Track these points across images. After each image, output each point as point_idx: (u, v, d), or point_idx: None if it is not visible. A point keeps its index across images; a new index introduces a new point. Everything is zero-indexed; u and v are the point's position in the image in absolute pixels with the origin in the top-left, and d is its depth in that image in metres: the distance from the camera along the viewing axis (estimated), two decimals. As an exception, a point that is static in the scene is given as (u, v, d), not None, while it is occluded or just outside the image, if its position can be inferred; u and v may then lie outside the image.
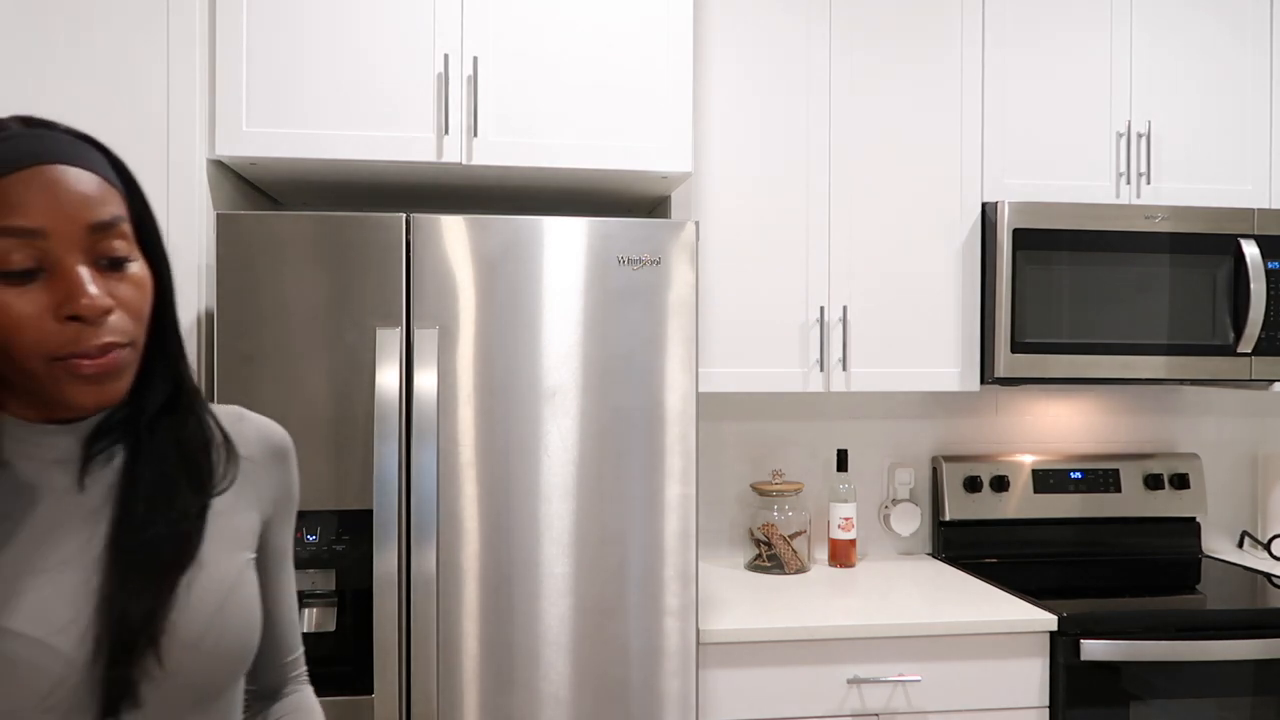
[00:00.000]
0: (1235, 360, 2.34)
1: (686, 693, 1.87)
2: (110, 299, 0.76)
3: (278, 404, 1.78)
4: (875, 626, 1.98)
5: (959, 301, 2.35)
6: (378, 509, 1.77)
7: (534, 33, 1.96)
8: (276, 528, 0.98)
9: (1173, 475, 2.65)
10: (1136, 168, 2.40)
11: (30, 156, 0.74)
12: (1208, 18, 2.43)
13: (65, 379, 0.75)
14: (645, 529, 1.86)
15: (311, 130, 1.91)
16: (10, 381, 0.78)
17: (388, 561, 1.76)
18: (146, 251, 0.82)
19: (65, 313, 0.74)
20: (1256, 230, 2.34)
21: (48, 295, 0.74)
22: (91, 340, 0.75)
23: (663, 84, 1.99)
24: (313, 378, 1.79)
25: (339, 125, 1.91)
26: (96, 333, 0.75)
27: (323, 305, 1.79)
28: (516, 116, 1.96)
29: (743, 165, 2.27)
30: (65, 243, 0.74)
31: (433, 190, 2.24)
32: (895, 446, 2.66)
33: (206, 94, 1.89)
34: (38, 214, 0.73)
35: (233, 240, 1.78)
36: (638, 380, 1.85)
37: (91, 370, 0.75)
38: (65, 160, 0.76)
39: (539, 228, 1.83)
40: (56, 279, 0.74)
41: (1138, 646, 2.02)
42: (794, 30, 2.29)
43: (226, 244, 1.77)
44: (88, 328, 0.75)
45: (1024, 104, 2.37)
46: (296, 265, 1.78)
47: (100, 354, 0.75)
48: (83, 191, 0.75)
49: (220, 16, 1.88)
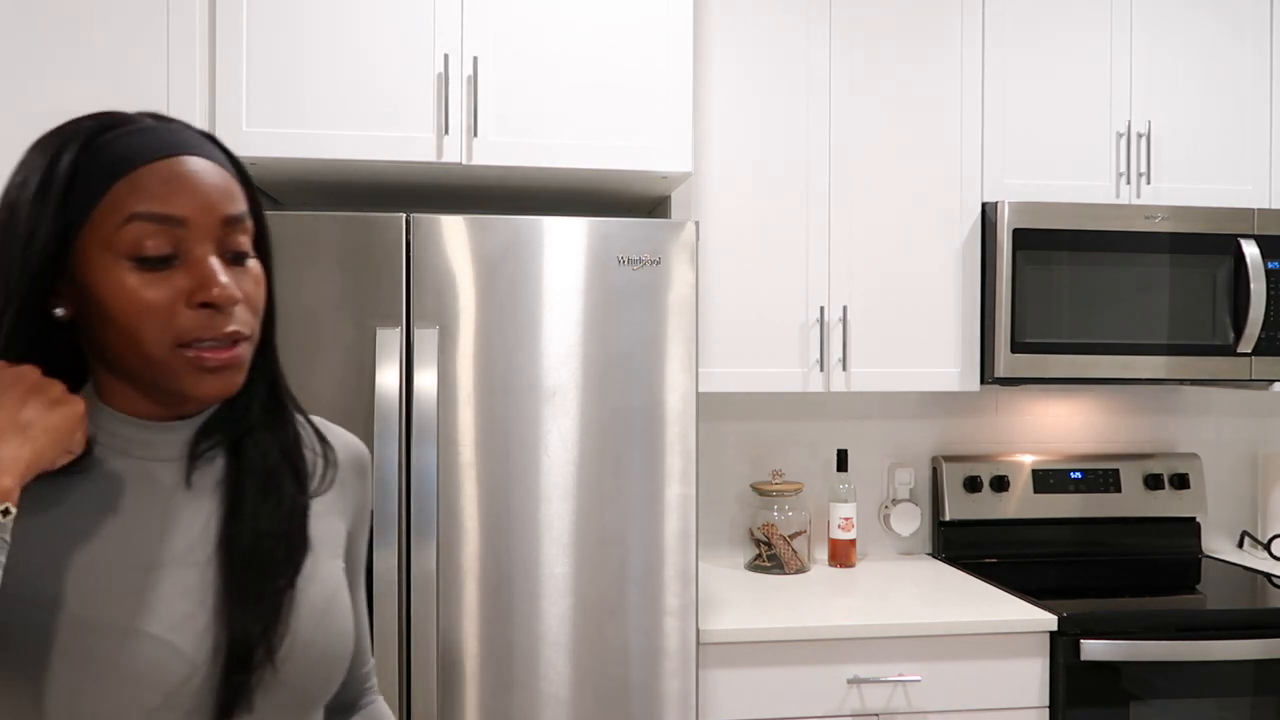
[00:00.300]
0: (1235, 360, 2.34)
1: (686, 693, 1.87)
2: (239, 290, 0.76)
3: (278, 404, 1.78)
4: (875, 626, 1.98)
5: (959, 301, 2.35)
6: (378, 509, 1.77)
7: (534, 33, 1.96)
8: (356, 538, 0.97)
9: (1173, 475, 2.65)
10: (1136, 168, 2.40)
11: (169, 147, 0.75)
12: (1208, 18, 2.43)
13: (187, 370, 0.75)
14: (645, 529, 1.86)
15: (311, 130, 1.91)
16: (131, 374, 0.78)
17: (388, 561, 1.76)
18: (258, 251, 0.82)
19: (198, 300, 0.74)
20: (1256, 230, 2.34)
21: (180, 282, 0.74)
22: (221, 327, 0.75)
23: (663, 84, 1.99)
24: (313, 377, 1.79)
25: (339, 125, 1.91)
26: (225, 320, 0.75)
27: (323, 305, 1.79)
28: (516, 116, 1.96)
29: (743, 165, 2.27)
30: (201, 232, 0.75)
31: (433, 190, 2.24)
32: (895, 446, 2.66)
33: (206, 94, 1.89)
34: (179, 203, 0.74)
35: (233, 240, 1.77)
36: (638, 380, 1.85)
37: (216, 363, 0.75)
38: (200, 154, 0.77)
39: (539, 228, 1.83)
40: (189, 267, 0.75)
41: (1138, 646, 2.02)
42: (794, 30, 2.29)
43: (226, 244, 1.77)
44: (218, 315, 0.75)
45: (1024, 104, 2.37)
46: (296, 265, 1.78)
47: (227, 343, 0.76)
48: (218, 184, 0.77)
49: (220, 16, 1.88)
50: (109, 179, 0.73)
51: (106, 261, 0.73)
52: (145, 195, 0.73)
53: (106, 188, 0.73)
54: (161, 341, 0.74)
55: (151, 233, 0.73)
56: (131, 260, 0.73)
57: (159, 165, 0.74)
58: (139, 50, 1.87)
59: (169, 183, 0.74)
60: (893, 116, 2.33)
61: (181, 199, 0.74)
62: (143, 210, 0.73)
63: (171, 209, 0.73)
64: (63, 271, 0.74)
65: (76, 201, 0.73)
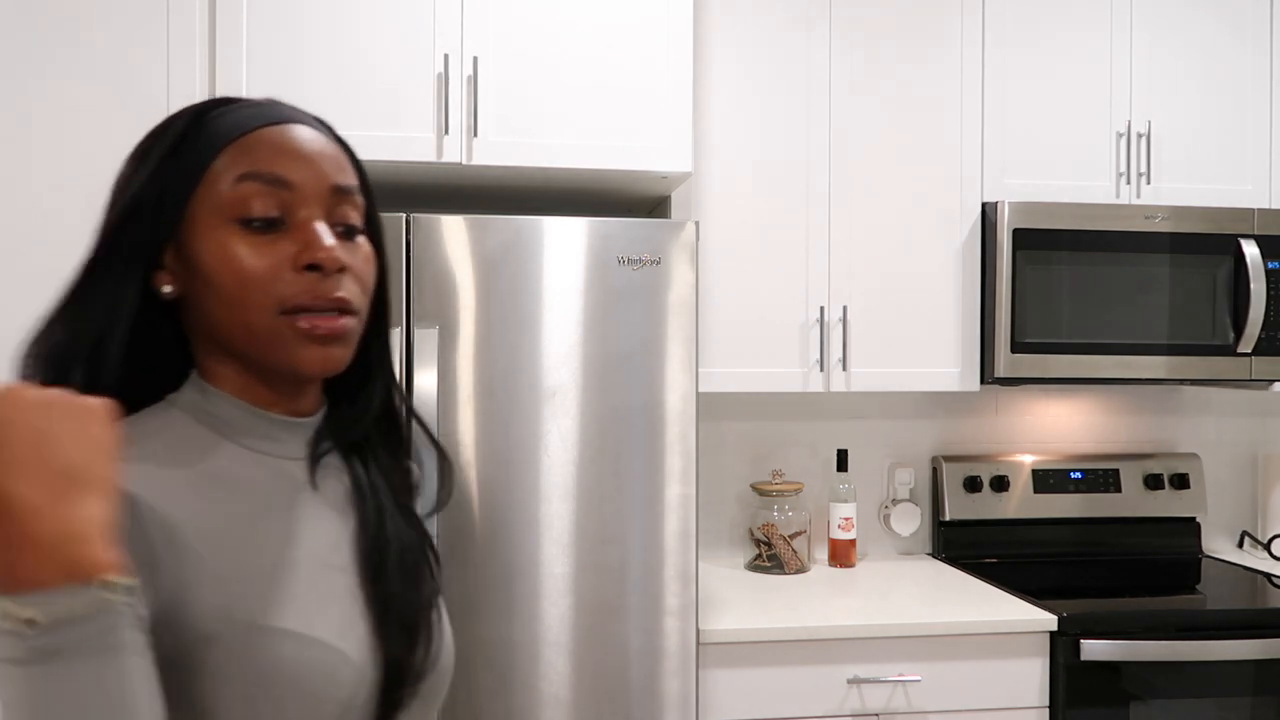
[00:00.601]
0: (1235, 360, 2.34)
1: (686, 693, 1.87)
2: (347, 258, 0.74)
3: (278, 404, 1.78)
4: (875, 626, 1.98)
5: (959, 301, 2.35)
6: (378, 509, 1.77)
7: (534, 33, 1.96)
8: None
9: (1173, 475, 2.65)
10: (1136, 168, 2.40)
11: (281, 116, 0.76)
12: (1208, 18, 2.43)
13: (293, 338, 0.73)
14: (645, 529, 1.86)
15: (311, 130, 1.91)
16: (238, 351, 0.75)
17: (388, 561, 1.76)
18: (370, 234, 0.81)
19: (303, 261, 0.72)
20: (1256, 230, 2.34)
21: (285, 247, 0.73)
22: (328, 292, 0.72)
23: (663, 84, 1.98)
24: (313, 378, 1.78)
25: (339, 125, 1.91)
26: (332, 285, 0.73)
27: (323, 305, 1.78)
28: (516, 116, 1.96)
29: (743, 165, 2.27)
30: (309, 197, 0.74)
31: (433, 190, 2.24)
32: (895, 446, 2.66)
33: (206, 94, 1.89)
34: (288, 166, 0.73)
35: (233, 240, 1.78)
36: (638, 380, 1.85)
37: (321, 330, 0.72)
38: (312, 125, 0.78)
39: (539, 227, 1.83)
40: (295, 231, 0.73)
41: (1138, 646, 2.02)
42: (794, 30, 2.29)
43: (226, 244, 1.77)
44: (325, 280, 0.73)
45: (1024, 104, 2.37)
46: (296, 265, 1.78)
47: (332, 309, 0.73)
48: (328, 153, 0.76)
49: (220, 16, 1.88)
50: (222, 140, 0.73)
51: (214, 224, 0.72)
52: (255, 156, 0.73)
53: (218, 150, 0.73)
54: (266, 308, 0.72)
55: (259, 192, 0.72)
56: (238, 223, 0.72)
57: (270, 130, 0.74)
58: (139, 50, 1.87)
59: (279, 146, 0.74)
60: (893, 116, 2.33)
61: (291, 162, 0.73)
62: (251, 170, 0.72)
63: (280, 170, 0.73)
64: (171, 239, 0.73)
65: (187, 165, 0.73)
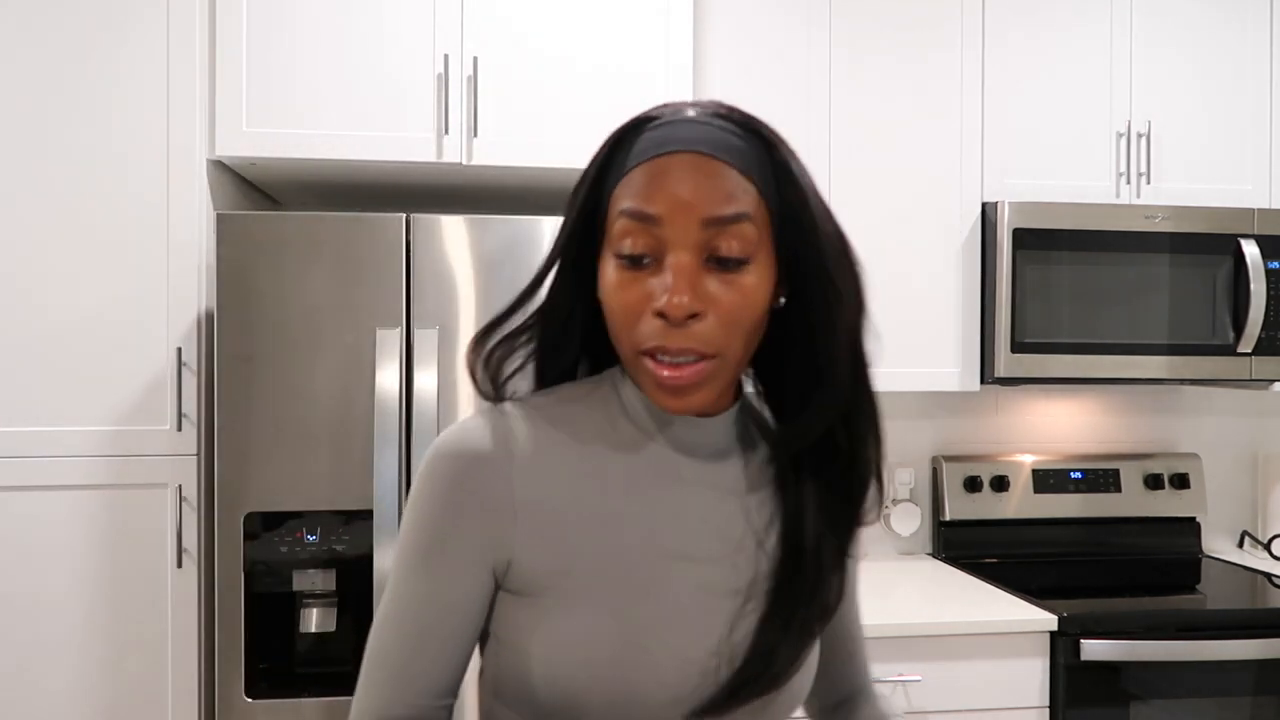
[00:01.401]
0: (1235, 360, 2.34)
1: (686, 693, 1.87)
2: (700, 303, 0.72)
3: (277, 404, 1.78)
4: (875, 626, 1.98)
5: (959, 301, 2.35)
6: (378, 509, 1.77)
7: (534, 33, 1.96)
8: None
9: (1173, 475, 2.64)
10: (1136, 167, 2.40)
11: (670, 143, 0.74)
12: (1208, 17, 2.43)
13: (649, 379, 0.74)
14: (645, 529, 1.85)
15: (311, 130, 1.91)
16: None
17: (388, 561, 1.76)
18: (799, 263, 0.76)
19: (654, 308, 0.72)
20: (1256, 230, 2.34)
21: (651, 286, 0.73)
22: (672, 342, 0.72)
23: (663, 83, 1.98)
24: (313, 378, 1.78)
25: (339, 125, 1.91)
26: (677, 336, 0.72)
27: (323, 305, 1.79)
28: (516, 116, 1.96)
29: (743, 165, 2.27)
30: (676, 233, 0.72)
31: (433, 190, 2.24)
32: (895, 446, 2.64)
33: (206, 94, 1.89)
34: (658, 201, 0.72)
35: (233, 240, 1.78)
36: (638, 380, 1.85)
37: (667, 380, 0.73)
38: (700, 150, 0.73)
39: (539, 228, 1.83)
40: (660, 270, 0.73)
41: (1138, 646, 2.02)
42: (794, 29, 2.29)
43: (226, 244, 1.77)
44: (672, 329, 0.72)
45: (1024, 104, 2.37)
46: (296, 265, 1.78)
47: (677, 359, 0.72)
48: (706, 183, 0.72)
49: (220, 16, 1.88)
50: (620, 173, 0.75)
51: (607, 254, 0.75)
52: (632, 192, 0.73)
53: (616, 181, 0.75)
54: (630, 343, 0.74)
55: (633, 230, 0.73)
56: (618, 257, 0.74)
57: (652, 163, 0.74)
58: (139, 50, 1.87)
59: (652, 180, 0.73)
60: (893, 116, 2.33)
61: (660, 197, 0.72)
62: (627, 207, 0.73)
63: (649, 206, 0.72)
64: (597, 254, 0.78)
65: (597, 195, 0.77)
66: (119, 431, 1.86)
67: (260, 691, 1.81)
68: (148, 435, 1.86)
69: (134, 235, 1.86)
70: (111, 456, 1.86)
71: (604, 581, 0.75)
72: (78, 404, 1.85)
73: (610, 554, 0.76)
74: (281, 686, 1.83)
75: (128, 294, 1.86)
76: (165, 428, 1.87)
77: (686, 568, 0.77)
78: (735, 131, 0.75)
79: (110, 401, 1.86)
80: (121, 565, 1.86)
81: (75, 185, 1.85)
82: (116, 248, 1.86)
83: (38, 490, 1.84)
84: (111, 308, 1.86)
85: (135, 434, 1.86)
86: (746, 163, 0.74)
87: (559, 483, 0.77)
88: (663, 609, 0.75)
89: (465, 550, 0.76)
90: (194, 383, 1.87)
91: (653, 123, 0.76)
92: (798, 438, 0.80)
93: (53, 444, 1.85)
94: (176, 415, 1.86)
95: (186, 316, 1.87)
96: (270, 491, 1.79)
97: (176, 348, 1.86)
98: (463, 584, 0.76)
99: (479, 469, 0.76)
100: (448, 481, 0.76)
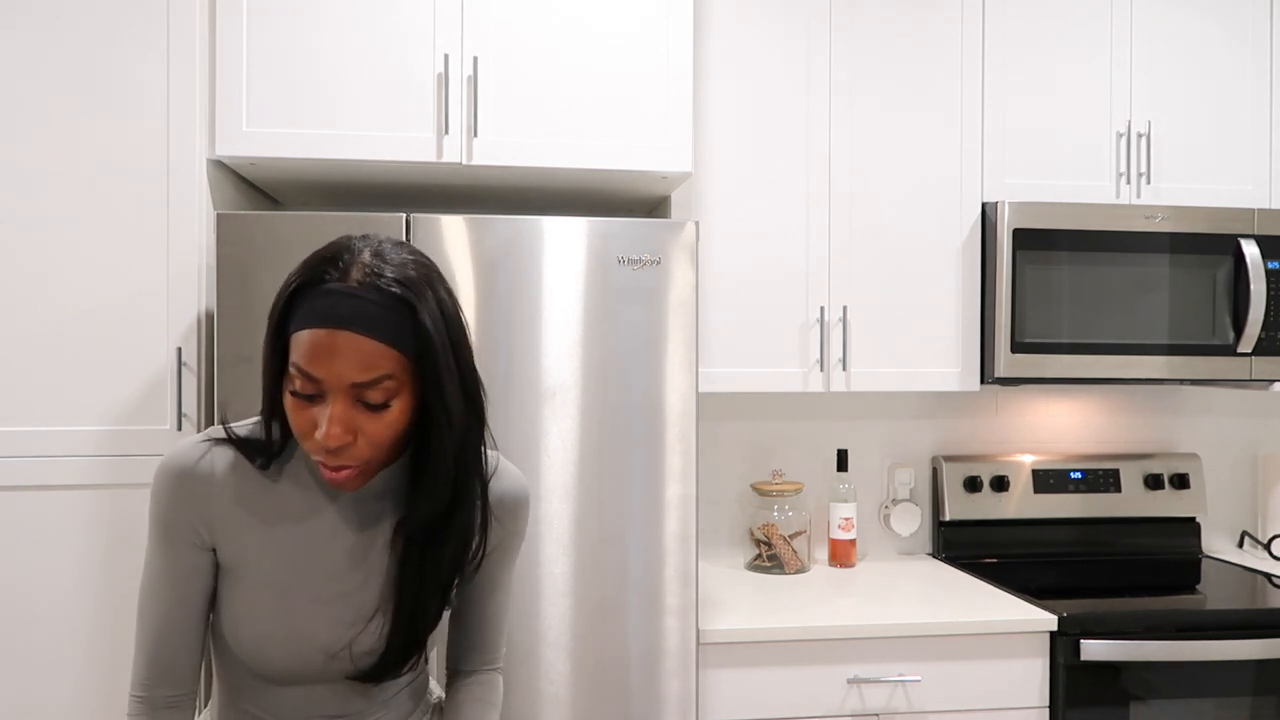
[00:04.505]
0: (1235, 360, 2.34)
1: (686, 693, 1.87)
2: (350, 435, 0.99)
3: (278, 404, 1.78)
4: (875, 626, 1.98)
5: (959, 302, 2.35)
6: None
7: (534, 33, 1.96)
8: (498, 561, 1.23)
9: (1173, 475, 2.65)
10: (1136, 168, 2.40)
11: (327, 320, 0.97)
12: (1207, 18, 2.43)
13: (321, 469, 1.03)
14: (645, 529, 1.86)
15: (311, 130, 1.91)
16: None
17: (388, 561, 1.76)
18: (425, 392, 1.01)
19: (317, 436, 0.99)
20: (1256, 230, 2.34)
21: (315, 413, 1.00)
22: (330, 460, 1.01)
23: (663, 84, 1.99)
24: (313, 378, 1.78)
25: (339, 125, 1.91)
26: (333, 456, 1.00)
27: (323, 305, 1.78)
28: (516, 116, 1.96)
29: (743, 165, 2.27)
30: (332, 388, 0.98)
31: (433, 190, 2.24)
32: (895, 446, 2.66)
33: (206, 94, 1.89)
34: (317, 367, 0.97)
35: (233, 240, 1.78)
36: (638, 380, 1.85)
37: (328, 478, 1.02)
38: (352, 327, 0.96)
39: (539, 227, 1.83)
40: (324, 407, 0.99)
41: (1138, 646, 2.02)
42: (794, 29, 2.29)
43: (226, 244, 1.77)
44: (329, 452, 1.00)
45: (1024, 104, 2.37)
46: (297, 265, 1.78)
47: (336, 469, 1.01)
48: (354, 357, 0.96)
49: (220, 16, 1.88)
50: (289, 332, 1.00)
51: (287, 381, 1.01)
52: (300, 354, 0.98)
53: (289, 336, 1.00)
54: (306, 447, 1.02)
55: (301, 377, 0.98)
56: (291, 393, 1.00)
57: (314, 333, 0.97)
58: (139, 50, 1.87)
59: (314, 349, 0.97)
60: (892, 116, 2.33)
61: (319, 365, 0.97)
62: (296, 363, 0.98)
63: (312, 370, 0.97)
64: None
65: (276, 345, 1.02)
66: (119, 431, 1.86)
67: (260, 691, 1.80)
68: (148, 435, 1.87)
69: (134, 235, 1.86)
70: (111, 456, 1.86)
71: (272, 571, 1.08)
72: (78, 404, 1.85)
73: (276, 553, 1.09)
74: (281, 686, 1.83)
75: (127, 294, 1.86)
76: (165, 427, 1.87)
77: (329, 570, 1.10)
78: (386, 304, 0.97)
79: (110, 401, 1.86)
80: (121, 565, 1.86)
81: (75, 185, 1.85)
82: (116, 248, 1.86)
83: (38, 490, 1.85)
84: (111, 308, 1.86)
85: (135, 434, 1.86)
86: (388, 334, 0.97)
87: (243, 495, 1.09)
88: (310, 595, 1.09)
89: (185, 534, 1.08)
90: (194, 383, 1.87)
91: (324, 285, 0.98)
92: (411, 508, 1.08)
93: (53, 444, 1.85)
94: (176, 415, 1.86)
95: (186, 316, 1.87)
96: (270, 491, 1.78)
97: (176, 347, 1.87)
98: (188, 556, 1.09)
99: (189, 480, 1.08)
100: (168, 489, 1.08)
